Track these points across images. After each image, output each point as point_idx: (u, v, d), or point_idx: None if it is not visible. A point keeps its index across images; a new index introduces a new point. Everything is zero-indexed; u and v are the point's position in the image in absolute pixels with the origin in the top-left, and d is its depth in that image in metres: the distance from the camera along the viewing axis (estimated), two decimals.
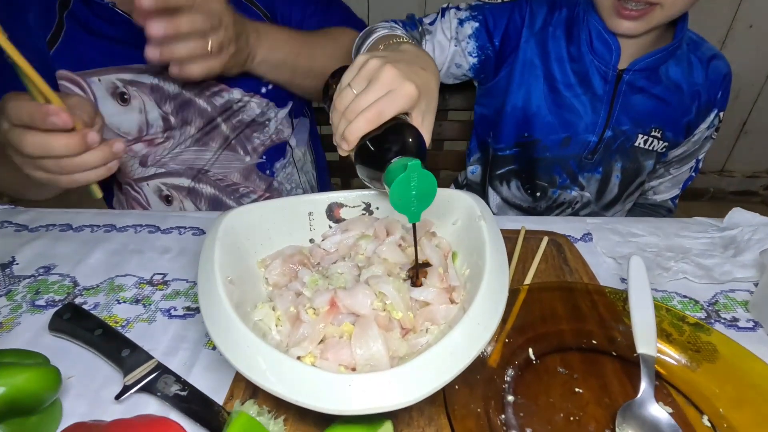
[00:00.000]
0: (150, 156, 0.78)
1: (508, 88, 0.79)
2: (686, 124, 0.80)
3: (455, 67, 0.80)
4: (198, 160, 0.80)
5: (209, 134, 0.80)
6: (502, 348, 0.45)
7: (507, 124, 0.81)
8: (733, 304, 0.56)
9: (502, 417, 0.39)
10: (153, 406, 0.42)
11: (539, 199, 0.87)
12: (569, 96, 0.77)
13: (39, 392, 0.37)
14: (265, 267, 0.49)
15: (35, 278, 0.58)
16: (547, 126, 0.79)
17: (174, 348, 0.48)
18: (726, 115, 0.84)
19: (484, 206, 0.49)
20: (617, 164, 0.82)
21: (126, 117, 0.74)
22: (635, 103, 0.76)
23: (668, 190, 0.92)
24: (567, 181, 0.84)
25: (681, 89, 0.77)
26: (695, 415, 0.40)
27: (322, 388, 0.31)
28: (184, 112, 0.76)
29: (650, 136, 0.79)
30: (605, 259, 0.63)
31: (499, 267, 0.41)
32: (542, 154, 0.82)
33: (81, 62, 0.70)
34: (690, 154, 0.86)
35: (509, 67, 0.78)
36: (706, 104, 0.79)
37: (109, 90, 0.72)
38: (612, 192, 0.86)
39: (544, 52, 0.77)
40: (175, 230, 0.68)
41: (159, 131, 0.76)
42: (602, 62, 0.74)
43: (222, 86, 0.76)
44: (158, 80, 0.74)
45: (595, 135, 0.78)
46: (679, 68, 0.76)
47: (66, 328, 0.48)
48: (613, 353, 0.46)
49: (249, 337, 0.34)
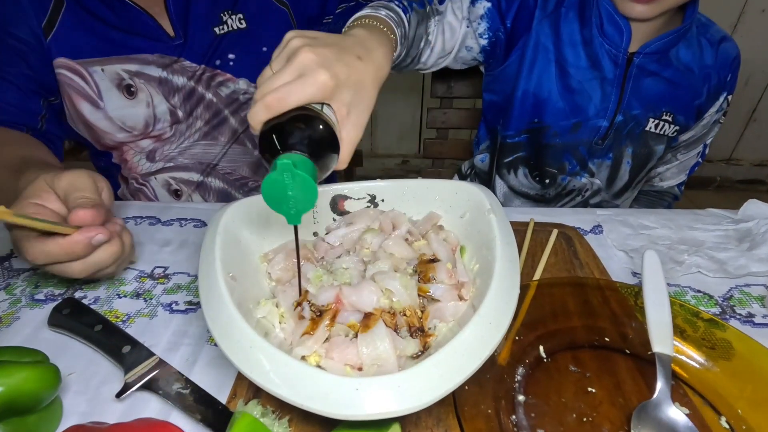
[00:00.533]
0: (158, 151, 0.77)
1: (519, 73, 0.77)
2: (697, 107, 0.78)
3: (465, 50, 0.78)
4: (207, 154, 0.79)
5: (217, 128, 0.78)
6: (511, 345, 0.44)
7: (517, 110, 0.79)
8: (748, 299, 0.54)
9: (513, 418, 0.38)
10: (154, 404, 0.41)
11: (548, 186, 0.85)
12: (580, 80, 0.75)
13: (38, 391, 0.36)
14: (268, 261, 0.47)
15: (34, 271, 0.56)
16: (557, 111, 0.77)
17: (176, 344, 0.47)
18: (735, 102, 0.83)
19: (494, 199, 0.48)
20: (628, 149, 0.80)
21: (133, 111, 0.72)
22: (646, 86, 0.74)
23: (675, 176, 0.91)
24: (577, 168, 0.82)
25: (692, 72, 0.75)
26: (713, 417, 0.39)
27: (327, 392, 0.29)
28: (190, 105, 0.75)
29: (661, 120, 0.77)
30: (616, 252, 0.62)
31: (510, 262, 0.40)
32: (552, 141, 0.80)
33: (81, 50, 0.68)
34: (698, 139, 0.85)
35: (520, 50, 0.76)
36: (716, 87, 0.78)
37: (114, 81, 0.70)
38: (623, 179, 0.84)
39: (556, 35, 0.75)
40: (176, 222, 0.66)
41: (166, 126, 0.75)
42: (612, 45, 0.72)
43: (228, 76, 0.75)
44: (166, 73, 0.72)
45: (606, 120, 0.77)
46: (690, 51, 0.75)
47: (66, 324, 0.47)
48: (626, 351, 0.45)
49: (251, 337, 0.33)
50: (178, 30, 0.71)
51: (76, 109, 0.71)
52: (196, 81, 0.74)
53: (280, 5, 0.76)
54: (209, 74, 0.74)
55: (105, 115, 0.72)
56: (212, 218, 0.45)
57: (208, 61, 0.73)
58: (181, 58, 0.72)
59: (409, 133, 2.43)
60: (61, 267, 0.46)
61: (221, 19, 0.72)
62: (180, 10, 0.70)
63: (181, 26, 0.71)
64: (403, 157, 2.50)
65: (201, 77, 0.74)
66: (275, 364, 0.31)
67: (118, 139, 0.75)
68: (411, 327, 0.39)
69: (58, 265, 0.46)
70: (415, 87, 2.26)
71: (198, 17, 0.71)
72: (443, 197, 0.52)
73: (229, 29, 0.73)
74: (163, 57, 0.71)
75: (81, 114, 0.72)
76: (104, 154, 0.79)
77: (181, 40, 0.71)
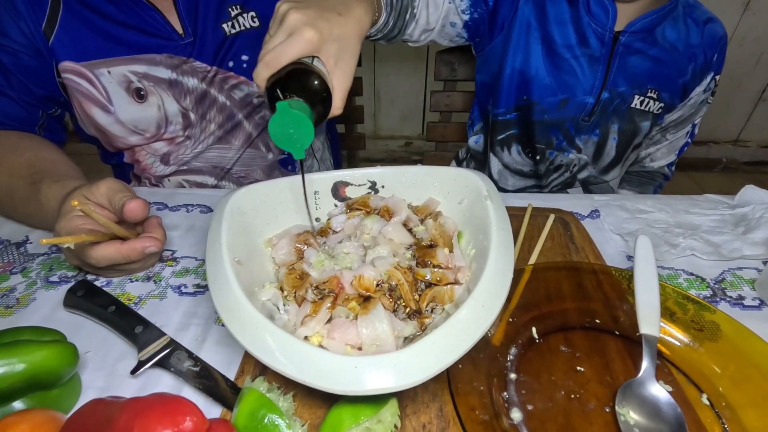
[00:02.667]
0: (172, 154, 0.76)
1: (506, 52, 0.78)
2: (682, 85, 0.80)
3: (450, 26, 0.78)
4: (221, 158, 0.79)
5: (231, 132, 0.78)
6: (505, 327, 0.46)
7: (506, 87, 0.81)
8: (740, 282, 0.56)
9: (504, 394, 0.40)
10: (166, 380, 0.43)
11: (539, 162, 0.87)
12: (567, 58, 0.76)
13: (58, 368, 0.39)
14: (272, 246, 0.49)
15: (48, 256, 0.59)
16: (545, 88, 0.79)
17: (185, 324, 0.49)
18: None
19: (491, 185, 0.49)
20: (614, 126, 0.82)
21: (143, 114, 0.71)
22: (632, 64, 0.76)
23: (664, 156, 0.92)
24: (564, 144, 0.84)
25: (677, 50, 0.76)
26: (695, 394, 0.41)
27: (329, 370, 0.31)
28: (203, 108, 0.74)
29: (646, 96, 0.79)
30: (612, 236, 0.63)
31: (505, 248, 0.41)
32: (540, 117, 0.81)
33: (85, 51, 0.66)
34: (686, 119, 0.86)
35: (507, 29, 0.77)
36: (702, 66, 0.79)
37: (123, 84, 0.68)
38: (609, 155, 0.86)
39: (542, 13, 0.75)
40: (183, 208, 0.68)
41: (179, 128, 0.74)
42: (599, 24, 0.73)
43: (242, 79, 0.74)
44: (176, 74, 0.70)
45: (592, 96, 0.78)
46: (675, 29, 0.76)
47: (80, 305, 0.50)
48: (616, 332, 0.47)
49: (258, 319, 0.35)
50: (187, 27, 0.69)
51: (88, 114, 0.70)
52: (208, 83, 0.72)
53: None
54: (222, 76, 0.73)
55: (116, 120, 0.71)
56: (218, 205, 0.47)
57: (221, 62, 0.72)
58: (191, 59, 0.70)
59: (412, 115, 2.42)
60: (120, 267, 0.53)
61: (229, 15, 0.70)
62: (189, 5, 0.68)
63: (190, 23, 0.69)
64: (407, 139, 2.50)
65: (213, 79, 0.72)
66: (280, 344, 0.33)
67: (131, 142, 0.74)
68: (408, 309, 0.41)
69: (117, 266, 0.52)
70: (419, 68, 2.24)
71: (207, 13, 0.69)
72: (442, 183, 0.53)
73: (242, 28, 0.72)
74: (172, 57, 0.69)
75: (93, 119, 0.71)
76: (116, 153, 0.79)
77: (190, 38, 0.69)
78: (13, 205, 0.60)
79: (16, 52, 0.64)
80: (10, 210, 0.62)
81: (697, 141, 2.46)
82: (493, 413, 0.38)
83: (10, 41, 0.63)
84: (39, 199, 0.56)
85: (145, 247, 0.51)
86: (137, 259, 0.52)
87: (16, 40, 0.64)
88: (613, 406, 0.39)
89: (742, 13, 2.03)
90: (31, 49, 0.64)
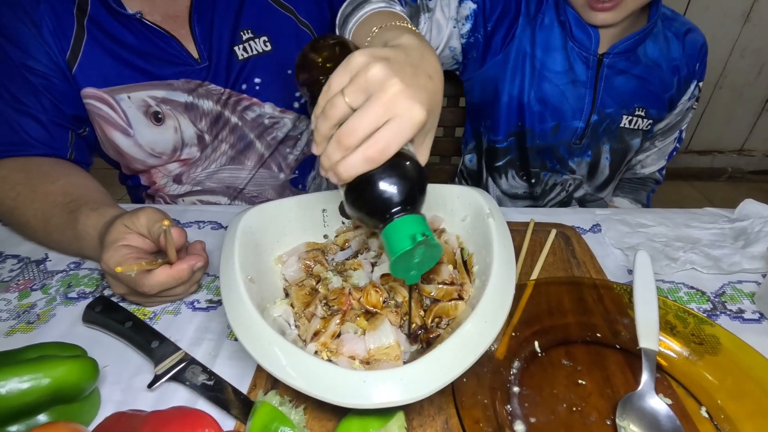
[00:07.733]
0: (184, 174, 0.78)
1: (503, 79, 0.79)
2: (668, 99, 0.82)
3: (449, 50, 0.80)
4: (234, 179, 0.80)
5: (244, 153, 0.79)
6: (508, 341, 0.47)
7: (504, 115, 0.82)
8: (739, 295, 0.57)
9: (508, 407, 0.41)
10: (182, 393, 0.45)
11: (534, 185, 0.89)
12: (557, 84, 0.78)
13: (79, 382, 0.40)
14: (282, 263, 0.51)
15: (67, 273, 0.61)
16: (537, 115, 0.81)
17: (199, 339, 0.51)
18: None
19: (493, 203, 0.51)
20: (605, 146, 0.84)
21: (161, 137, 0.72)
22: (617, 84, 0.78)
23: (655, 162, 0.95)
24: (557, 166, 0.86)
25: (660, 66, 0.79)
26: (694, 406, 0.42)
27: (338, 383, 0.33)
28: (217, 129, 0.76)
29: (634, 115, 0.81)
30: (613, 250, 0.64)
31: (507, 264, 0.43)
32: (533, 143, 0.83)
33: (107, 78, 0.67)
34: (673, 126, 0.89)
35: (503, 56, 0.79)
36: (686, 77, 0.82)
37: (141, 108, 0.70)
38: (603, 173, 0.88)
39: (535, 41, 0.77)
40: (194, 224, 0.70)
41: (195, 150, 0.76)
42: (583, 49, 0.75)
43: (254, 100, 0.75)
44: (192, 97, 0.72)
45: (582, 121, 0.80)
46: (657, 45, 0.78)
47: (98, 320, 0.52)
48: (617, 346, 0.48)
49: (270, 334, 0.37)
50: (203, 52, 0.71)
51: (108, 138, 0.72)
52: (222, 105, 0.74)
53: (303, 27, 0.76)
54: (236, 98, 0.74)
55: (135, 143, 0.72)
56: (231, 223, 0.49)
57: (233, 85, 0.74)
58: (206, 82, 0.72)
59: None
60: (169, 292, 0.53)
61: (241, 38, 0.72)
62: (205, 31, 0.70)
63: (205, 48, 0.71)
64: None
65: (227, 101, 0.74)
66: (292, 359, 0.35)
67: (149, 164, 0.76)
68: (414, 325, 0.43)
69: (165, 291, 0.52)
70: None
71: (222, 37, 0.71)
72: (445, 201, 0.55)
73: (254, 52, 0.73)
74: (189, 81, 0.71)
75: (113, 142, 0.72)
76: (131, 176, 0.81)
77: (206, 62, 0.71)
78: (47, 232, 0.61)
79: (46, 75, 0.66)
80: (44, 236, 0.62)
81: (702, 150, 2.48)
82: (497, 426, 0.39)
83: (42, 65, 0.65)
84: (76, 228, 0.57)
85: (192, 265, 0.51)
86: (186, 280, 0.52)
87: (47, 65, 0.65)
88: (614, 419, 0.40)
89: (742, 25, 2.05)
90: (60, 72, 0.66)
